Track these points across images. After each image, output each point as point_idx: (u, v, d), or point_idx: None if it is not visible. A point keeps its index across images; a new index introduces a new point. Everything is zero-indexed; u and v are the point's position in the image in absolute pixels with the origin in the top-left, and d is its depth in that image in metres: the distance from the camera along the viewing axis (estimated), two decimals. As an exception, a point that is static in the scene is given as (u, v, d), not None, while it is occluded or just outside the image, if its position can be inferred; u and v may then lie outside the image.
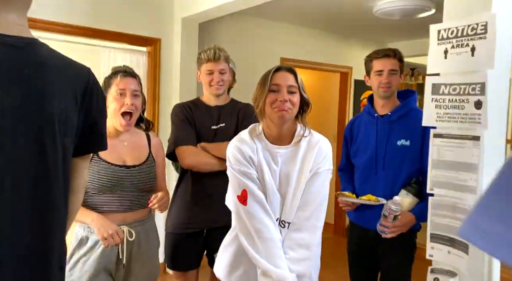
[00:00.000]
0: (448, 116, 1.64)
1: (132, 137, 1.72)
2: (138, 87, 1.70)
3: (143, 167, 1.68)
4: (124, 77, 1.65)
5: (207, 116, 1.99)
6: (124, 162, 1.64)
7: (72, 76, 0.97)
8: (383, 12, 3.40)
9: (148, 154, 1.73)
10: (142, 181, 1.66)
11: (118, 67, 1.75)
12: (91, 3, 2.98)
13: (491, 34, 1.50)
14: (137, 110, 1.67)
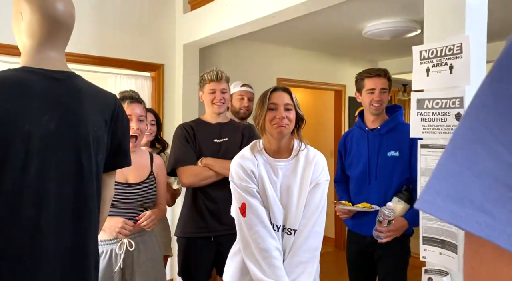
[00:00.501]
0: (433, 128, 1.80)
1: (136, 157, 1.83)
2: (143, 112, 1.86)
3: (144, 185, 1.81)
4: (131, 104, 1.81)
5: (209, 132, 2.15)
6: (126, 180, 1.78)
7: (102, 102, 1.13)
8: (372, 33, 3.62)
9: (150, 173, 1.86)
10: (142, 197, 1.80)
11: (125, 93, 1.91)
12: (97, 34, 3.18)
13: (466, 54, 1.68)
14: (142, 133, 1.84)
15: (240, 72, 3.99)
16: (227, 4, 3.00)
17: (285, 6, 2.53)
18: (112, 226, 1.67)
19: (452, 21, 1.73)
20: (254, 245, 1.56)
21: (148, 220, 1.75)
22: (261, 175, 1.61)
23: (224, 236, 2.06)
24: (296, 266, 1.57)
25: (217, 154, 2.11)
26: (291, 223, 1.60)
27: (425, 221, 1.82)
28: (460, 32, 1.70)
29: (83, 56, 3.06)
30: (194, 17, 3.39)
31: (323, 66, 4.77)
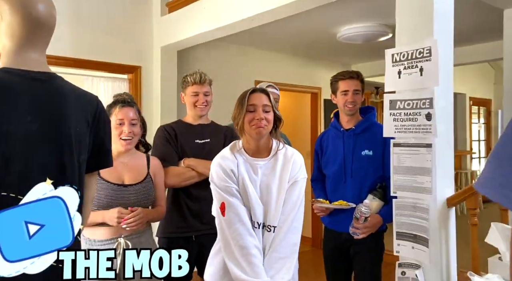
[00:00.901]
0: (405, 128, 1.88)
1: (132, 159, 1.86)
2: (136, 116, 1.85)
3: (140, 186, 1.81)
4: (123, 107, 1.81)
5: (191, 133, 2.15)
6: (122, 181, 1.78)
7: (84, 103, 1.14)
8: (346, 37, 3.72)
9: (147, 174, 1.86)
10: (138, 198, 1.79)
11: (118, 96, 1.90)
12: (73, 36, 3.14)
13: (435, 56, 1.77)
14: (135, 136, 1.84)
15: (218, 75, 4.01)
16: (205, 7, 3.03)
17: (262, 9, 2.58)
18: (111, 217, 1.70)
19: (421, 26, 1.82)
20: (233, 243, 1.59)
21: (136, 218, 1.72)
22: (241, 174, 1.64)
23: (205, 236, 2.06)
24: (276, 262, 1.61)
25: (200, 154, 2.11)
26: (271, 220, 1.64)
27: (398, 217, 1.90)
28: (429, 36, 1.79)
29: (58, 58, 3.02)
30: (172, 20, 3.40)
31: (300, 69, 4.85)
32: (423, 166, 1.81)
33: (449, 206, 1.83)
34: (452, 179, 1.87)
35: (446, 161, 1.82)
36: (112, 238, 1.74)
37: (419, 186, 1.82)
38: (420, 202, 1.82)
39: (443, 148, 1.81)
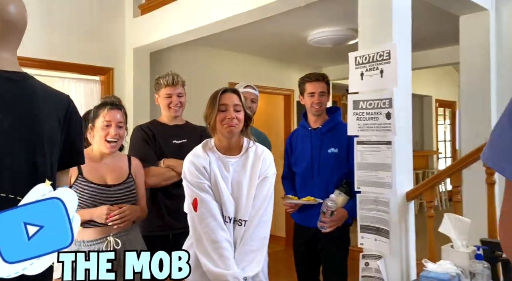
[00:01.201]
0: (367, 126, 2.00)
1: (114, 160, 1.90)
2: (123, 119, 1.90)
3: (123, 186, 1.86)
4: (111, 110, 1.85)
5: (167, 133, 2.19)
6: (105, 182, 1.82)
7: (56, 103, 1.17)
8: (316, 41, 3.85)
9: (128, 175, 1.91)
10: (122, 198, 1.84)
11: (106, 98, 1.95)
12: (43, 37, 3.12)
13: (394, 59, 1.89)
14: (121, 139, 1.88)
15: (192, 77, 4.05)
16: (177, 9, 3.08)
17: (233, 13, 2.66)
18: (100, 214, 1.72)
19: (381, 30, 1.95)
20: (205, 238, 1.65)
21: (122, 215, 1.76)
22: (213, 171, 1.70)
23: (182, 234, 2.10)
24: (247, 255, 1.68)
25: (178, 155, 2.13)
26: (242, 215, 1.71)
27: (362, 211, 2.01)
28: (388, 41, 1.91)
29: (30, 59, 2.99)
30: (144, 22, 3.42)
31: (273, 72, 4.95)
32: (384, 163, 1.92)
33: (408, 199, 1.95)
34: (410, 174, 1.99)
35: (405, 157, 1.94)
36: (100, 238, 1.76)
37: (380, 181, 1.94)
38: (381, 196, 1.93)
39: (402, 145, 1.93)
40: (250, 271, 1.67)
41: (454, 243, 1.66)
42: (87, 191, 1.77)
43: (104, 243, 1.75)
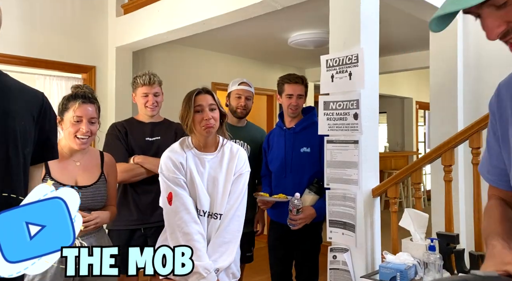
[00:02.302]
0: (336, 126, 2.10)
1: (85, 156, 1.76)
2: (95, 114, 1.73)
3: (94, 188, 1.73)
4: (83, 104, 1.68)
5: (142, 130, 2.25)
6: (75, 183, 1.69)
7: (30, 99, 1.23)
8: (296, 43, 3.94)
9: (100, 174, 1.78)
10: (92, 201, 1.71)
11: (78, 89, 1.76)
12: (24, 34, 3.14)
13: (361, 63, 1.99)
14: (92, 135, 1.72)
15: (175, 76, 4.13)
16: (159, 10, 3.14)
17: (213, 14, 2.74)
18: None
19: (350, 35, 2.04)
20: (178, 230, 1.73)
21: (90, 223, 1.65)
22: (189, 167, 1.78)
23: (152, 229, 2.17)
24: (220, 246, 1.76)
25: (148, 152, 2.20)
26: (217, 209, 1.79)
27: (331, 207, 2.11)
28: (357, 45, 2.01)
29: (8, 56, 3.02)
30: (127, 21, 3.47)
31: (256, 72, 5.04)
32: (351, 161, 2.02)
33: (374, 196, 2.05)
34: (376, 172, 2.10)
35: (371, 155, 2.04)
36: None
37: (348, 178, 2.04)
38: (348, 192, 2.04)
39: (369, 144, 2.03)
40: (222, 262, 1.76)
41: (413, 236, 1.77)
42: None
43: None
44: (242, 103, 2.53)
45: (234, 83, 2.61)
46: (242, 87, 2.57)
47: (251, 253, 2.52)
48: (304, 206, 2.14)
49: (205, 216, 1.79)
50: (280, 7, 2.55)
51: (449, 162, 1.90)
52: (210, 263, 1.72)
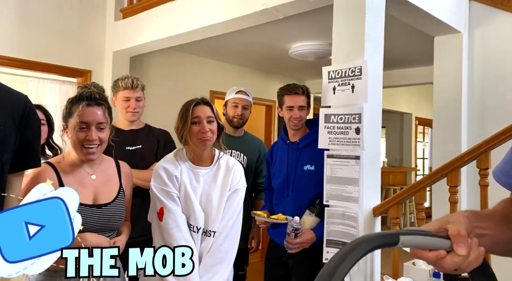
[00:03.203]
0: (337, 140, 2.01)
1: (100, 168, 1.50)
2: (104, 118, 1.45)
3: (115, 205, 1.49)
4: (88, 107, 1.41)
5: (121, 139, 2.06)
6: (94, 200, 1.44)
7: (10, 102, 1.15)
8: (297, 54, 3.88)
9: (119, 188, 1.54)
10: (113, 220, 1.48)
11: (83, 89, 1.51)
12: (20, 35, 3.07)
13: (365, 75, 1.92)
14: (103, 144, 1.45)
15: (172, 84, 4.05)
16: (158, 15, 3.07)
17: (212, 22, 2.68)
18: (98, 244, 1.34)
19: (354, 47, 1.97)
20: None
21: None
22: (183, 181, 1.68)
23: (135, 244, 2.04)
24: (212, 266, 1.66)
25: (131, 162, 2.06)
26: (211, 226, 1.69)
27: (329, 225, 2.00)
28: (361, 57, 1.93)
29: (3, 57, 2.94)
30: (125, 26, 3.41)
31: (255, 82, 4.97)
32: (352, 177, 1.93)
33: (375, 215, 1.96)
34: (378, 189, 2.01)
35: (373, 172, 1.95)
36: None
37: (348, 195, 1.94)
38: (348, 210, 1.94)
39: (370, 161, 1.94)
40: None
41: (415, 260, 1.67)
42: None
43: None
44: (238, 112, 2.45)
45: (232, 91, 2.52)
46: (239, 96, 2.48)
47: (243, 272, 2.40)
48: (304, 229, 1.99)
49: (199, 233, 1.69)
50: (282, 17, 2.48)
51: (454, 182, 1.81)
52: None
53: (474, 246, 0.61)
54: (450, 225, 0.61)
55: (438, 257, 0.60)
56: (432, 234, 0.61)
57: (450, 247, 0.60)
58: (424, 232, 0.60)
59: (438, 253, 0.60)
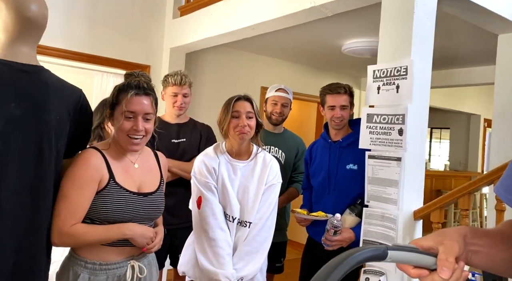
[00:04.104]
0: (379, 141, 1.97)
1: (141, 157, 1.50)
2: (152, 109, 1.41)
3: (158, 194, 1.48)
4: (136, 96, 1.36)
5: (168, 132, 2.24)
6: (139, 189, 1.43)
7: (67, 95, 1.29)
8: (350, 50, 3.80)
9: (160, 178, 1.54)
10: (156, 210, 1.47)
11: (132, 76, 1.47)
12: (88, 33, 3.34)
13: (410, 75, 1.86)
14: (147, 134, 1.42)
15: (225, 79, 4.18)
16: (212, 13, 3.19)
17: (262, 19, 2.72)
18: (144, 236, 1.38)
19: (400, 46, 1.92)
20: (204, 235, 1.72)
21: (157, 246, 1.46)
22: (221, 173, 1.77)
23: (177, 230, 2.16)
24: (246, 255, 1.74)
25: (175, 154, 2.20)
26: (247, 217, 1.77)
27: (366, 226, 1.98)
28: (407, 56, 1.88)
29: (72, 52, 3.23)
30: (182, 23, 3.57)
31: (308, 79, 4.96)
32: (392, 179, 1.89)
33: (416, 218, 1.90)
34: (420, 192, 1.94)
35: (415, 175, 1.90)
36: (122, 261, 1.40)
37: (387, 197, 1.91)
38: (387, 212, 1.90)
39: (413, 163, 1.88)
40: (247, 271, 1.72)
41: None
42: (122, 202, 1.36)
43: (124, 267, 1.38)
44: (277, 109, 2.50)
45: (272, 89, 2.57)
46: (279, 94, 2.53)
47: (281, 264, 2.45)
48: (343, 228, 1.98)
49: (234, 223, 1.77)
50: (331, 14, 2.46)
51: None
52: (232, 273, 1.69)
53: (458, 270, 0.63)
54: (441, 247, 0.64)
55: (419, 276, 0.64)
56: (420, 251, 0.63)
57: (435, 265, 0.63)
58: (412, 249, 0.62)
59: (420, 273, 0.63)
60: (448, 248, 0.64)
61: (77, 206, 1.29)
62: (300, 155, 2.58)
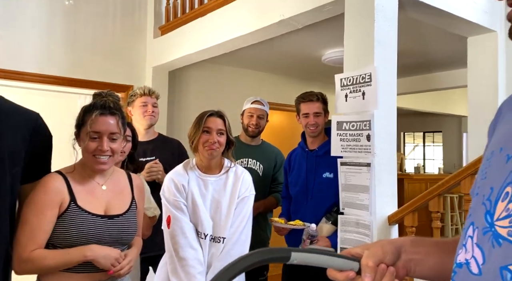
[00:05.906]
0: (350, 148, 2.00)
1: (111, 179, 1.46)
2: (117, 128, 1.38)
3: (127, 217, 1.43)
4: (101, 116, 1.35)
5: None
6: (106, 211, 1.39)
7: (21, 119, 1.28)
8: (331, 60, 3.86)
9: (131, 199, 1.48)
10: (125, 233, 1.42)
11: (99, 97, 1.47)
12: (68, 56, 3.39)
13: (374, 82, 1.90)
14: (115, 155, 1.39)
15: (211, 94, 4.22)
16: (190, 31, 3.25)
17: (235, 35, 2.78)
18: (108, 257, 1.32)
19: (364, 53, 1.96)
20: (174, 254, 1.71)
21: (129, 266, 1.39)
22: (191, 189, 1.77)
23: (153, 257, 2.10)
24: None
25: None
26: (221, 232, 1.76)
27: (343, 233, 1.99)
28: (370, 63, 1.92)
29: (53, 77, 3.27)
30: (163, 42, 3.63)
31: (293, 89, 4.95)
32: (363, 184, 1.91)
33: (390, 223, 1.91)
34: (394, 197, 1.96)
35: (386, 179, 1.92)
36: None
37: (360, 203, 1.92)
38: (361, 218, 1.92)
39: (383, 167, 1.90)
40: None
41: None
42: (84, 225, 1.32)
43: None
44: (253, 121, 2.53)
45: (248, 101, 2.61)
46: (255, 106, 2.56)
47: (264, 278, 2.44)
48: (319, 236, 1.99)
49: (207, 240, 1.75)
50: (301, 26, 2.52)
51: (467, 190, 1.72)
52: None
53: (388, 274, 0.66)
54: (365, 252, 0.68)
55: (347, 278, 0.67)
56: (339, 255, 0.66)
57: (358, 269, 0.67)
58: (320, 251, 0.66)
59: (346, 274, 0.67)
60: (371, 253, 0.67)
61: (37, 231, 1.26)
62: (278, 166, 2.60)
